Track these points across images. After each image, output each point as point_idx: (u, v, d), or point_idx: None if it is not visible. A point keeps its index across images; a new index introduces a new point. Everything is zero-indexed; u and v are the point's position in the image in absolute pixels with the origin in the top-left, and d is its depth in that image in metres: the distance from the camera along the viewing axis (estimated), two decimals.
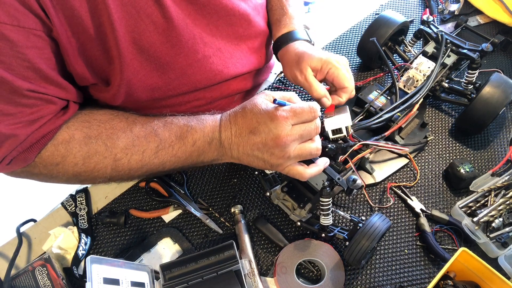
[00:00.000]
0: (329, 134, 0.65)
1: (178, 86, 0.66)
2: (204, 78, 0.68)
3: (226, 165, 0.77)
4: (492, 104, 0.73)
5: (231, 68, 0.71)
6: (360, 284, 0.65)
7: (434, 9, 1.01)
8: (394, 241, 0.69)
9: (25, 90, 0.50)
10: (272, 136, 0.54)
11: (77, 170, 0.57)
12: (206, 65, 0.67)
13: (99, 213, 0.71)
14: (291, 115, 0.55)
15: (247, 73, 0.77)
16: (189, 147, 0.60)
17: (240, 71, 0.73)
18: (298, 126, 0.55)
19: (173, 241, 0.69)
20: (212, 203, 0.72)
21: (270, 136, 0.55)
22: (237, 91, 0.78)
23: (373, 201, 0.73)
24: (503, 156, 0.78)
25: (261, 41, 0.78)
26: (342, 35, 0.99)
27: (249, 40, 0.74)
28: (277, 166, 0.57)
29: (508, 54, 0.94)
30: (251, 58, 0.76)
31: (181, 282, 0.59)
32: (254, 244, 0.68)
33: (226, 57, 0.70)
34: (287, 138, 0.54)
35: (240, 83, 0.77)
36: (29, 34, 0.48)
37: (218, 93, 0.74)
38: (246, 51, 0.74)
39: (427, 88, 0.74)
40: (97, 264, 0.54)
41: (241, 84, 0.78)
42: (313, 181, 0.65)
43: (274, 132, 0.54)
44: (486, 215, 0.67)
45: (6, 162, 0.54)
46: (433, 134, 0.81)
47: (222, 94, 0.75)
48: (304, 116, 0.56)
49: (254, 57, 0.76)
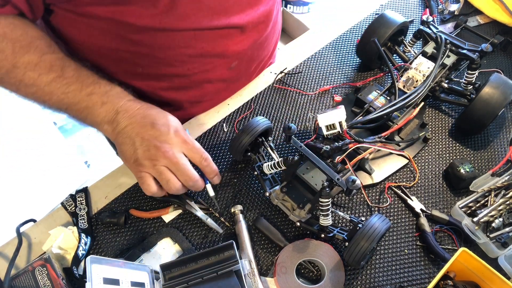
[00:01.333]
0: (323, 130, 0.65)
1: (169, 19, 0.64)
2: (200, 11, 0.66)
3: (226, 165, 0.77)
4: (491, 105, 0.73)
5: (231, 8, 0.69)
6: (360, 284, 0.65)
7: (434, 9, 1.02)
8: (394, 241, 0.69)
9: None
10: (163, 139, 0.58)
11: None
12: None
13: (99, 213, 0.71)
14: (190, 142, 0.61)
15: (247, 28, 0.74)
16: (84, 95, 0.60)
17: (241, 20, 0.71)
18: (184, 157, 0.60)
19: (173, 241, 0.69)
20: (212, 203, 0.72)
21: (162, 138, 0.58)
22: (235, 52, 0.76)
23: (372, 201, 0.73)
24: (503, 156, 0.78)
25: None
26: (342, 35, 0.99)
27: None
28: (138, 164, 0.59)
29: (507, 54, 0.94)
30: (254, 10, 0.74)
31: (181, 282, 0.59)
32: (254, 244, 0.69)
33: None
34: (169, 150, 0.58)
35: (239, 41, 0.75)
36: None
37: (211, 45, 0.72)
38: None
39: (426, 88, 0.74)
40: (97, 264, 0.54)
41: (240, 44, 0.76)
42: (312, 181, 0.65)
43: (167, 139, 0.58)
44: (486, 215, 0.67)
45: None
46: (433, 134, 0.81)
47: (217, 48, 0.73)
48: (195, 154, 0.61)
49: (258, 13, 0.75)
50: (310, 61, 0.93)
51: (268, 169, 0.67)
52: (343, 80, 0.90)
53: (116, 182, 0.76)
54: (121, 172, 0.77)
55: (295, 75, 0.91)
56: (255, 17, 0.75)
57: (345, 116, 0.64)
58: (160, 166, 0.59)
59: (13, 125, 1.57)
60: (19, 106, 1.59)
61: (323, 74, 0.91)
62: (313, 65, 0.92)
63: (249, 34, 0.76)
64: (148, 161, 0.58)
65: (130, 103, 0.62)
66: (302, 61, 0.93)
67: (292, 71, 0.91)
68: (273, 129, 0.78)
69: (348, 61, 0.93)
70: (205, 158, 0.63)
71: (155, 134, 0.58)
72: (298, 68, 0.92)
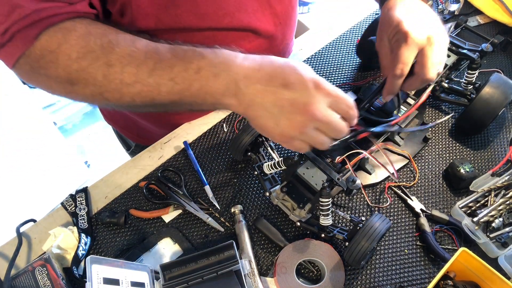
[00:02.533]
0: None
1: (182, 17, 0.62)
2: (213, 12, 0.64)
3: (226, 165, 0.77)
4: (491, 105, 0.73)
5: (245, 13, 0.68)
6: (360, 284, 0.65)
7: (434, 9, 1.01)
8: (394, 241, 0.69)
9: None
10: (305, 100, 0.48)
11: (69, 65, 0.52)
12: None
13: (99, 213, 0.71)
14: (334, 94, 0.49)
15: (263, 30, 0.74)
16: (192, 73, 0.50)
17: (252, 23, 0.71)
18: (331, 110, 0.50)
19: (173, 241, 0.69)
20: (212, 203, 0.72)
21: (303, 99, 0.48)
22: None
23: (372, 201, 0.73)
24: (503, 156, 0.78)
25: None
26: (342, 35, 0.99)
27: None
28: (285, 135, 0.50)
29: (508, 54, 0.94)
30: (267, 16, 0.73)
31: (181, 282, 0.59)
32: (254, 244, 0.68)
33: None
34: (317, 111, 0.48)
35: (255, 44, 0.74)
36: None
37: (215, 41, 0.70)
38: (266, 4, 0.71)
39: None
40: (97, 264, 0.54)
41: (256, 47, 0.75)
42: (312, 181, 0.65)
43: (309, 98, 0.48)
44: (486, 215, 0.67)
45: (7, 36, 0.51)
46: (433, 134, 0.81)
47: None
48: (342, 105, 0.50)
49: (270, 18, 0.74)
50: (310, 61, 0.93)
51: (268, 169, 0.67)
52: (343, 80, 0.90)
53: (116, 182, 0.76)
54: (121, 172, 0.77)
55: None
56: (272, 19, 0.75)
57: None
58: (310, 130, 0.50)
59: (13, 125, 1.56)
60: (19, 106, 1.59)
61: (323, 74, 0.91)
62: (313, 65, 0.92)
63: (266, 36, 0.77)
64: (295, 130, 0.49)
65: (246, 65, 0.50)
66: (302, 61, 0.93)
67: None
68: None
69: (348, 61, 0.93)
70: (351, 107, 0.52)
71: (293, 96, 0.48)
72: None
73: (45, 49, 0.52)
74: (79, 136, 2.21)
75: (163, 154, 0.79)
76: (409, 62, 0.61)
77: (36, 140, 1.65)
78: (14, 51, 0.52)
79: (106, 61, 0.51)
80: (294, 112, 0.48)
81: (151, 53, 0.51)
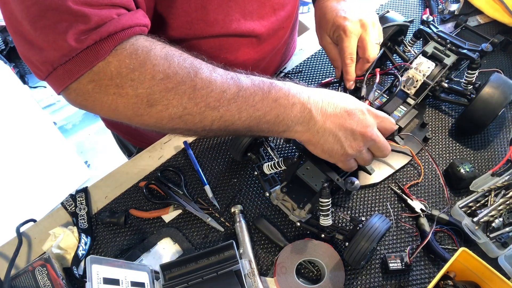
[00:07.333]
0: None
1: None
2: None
3: (226, 165, 0.77)
4: (491, 105, 0.73)
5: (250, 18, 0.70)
6: (360, 284, 0.65)
7: (434, 9, 1.01)
8: (394, 241, 0.69)
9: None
10: (364, 124, 0.56)
11: (152, 85, 0.48)
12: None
13: (99, 213, 0.71)
14: (380, 115, 0.59)
15: (266, 35, 0.75)
16: (271, 101, 0.53)
17: (256, 28, 0.72)
18: (378, 132, 0.59)
19: (173, 241, 0.69)
20: (212, 203, 0.72)
21: (362, 124, 0.56)
22: (255, 60, 0.78)
23: (372, 201, 0.73)
24: (503, 156, 0.78)
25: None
26: None
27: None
28: (347, 155, 0.57)
29: (508, 54, 0.94)
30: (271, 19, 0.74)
31: (181, 282, 0.59)
32: (254, 244, 0.68)
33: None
34: (372, 132, 0.57)
35: (259, 49, 0.76)
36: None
37: (233, 55, 0.72)
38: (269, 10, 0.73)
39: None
40: (97, 264, 0.54)
41: (259, 52, 0.77)
42: (312, 181, 0.65)
43: (366, 122, 0.57)
44: (486, 215, 0.67)
45: (75, 51, 0.45)
46: (433, 134, 0.81)
47: (239, 58, 0.75)
48: (387, 125, 0.60)
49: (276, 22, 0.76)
50: (310, 61, 0.93)
51: (268, 169, 0.67)
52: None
53: (116, 182, 0.76)
54: (121, 172, 0.77)
55: (294, 75, 0.91)
56: (275, 23, 0.76)
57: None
58: (365, 149, 0.59)
59: (13, 125, 1.57)
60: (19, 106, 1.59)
61: (323, 74, 0.91)
62: (313, 65, 0.92)
63: (269, 41, 0.78)
64: (355, 151, 0.57)
65: (312, 96, 0.55)
66: (302, 61, 0.93)
67: (292, 71, 0.91)
68: None
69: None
70: (394, 124, 0.62)
71: (355, 122, 0.56)
72: (298, 68, 0.92)
73: (125, 67, 0.47)
74: (79, 136, 2.21)
75: (163, 154, 0.79)
76: (354, 51, 0.71)
77: (36, 140, 1.66)
78: (75, 69, 0.47)
79: (193, 84, 0.50)
80: (356, 136, 0.56)
81: (233, 80, 0.52)
